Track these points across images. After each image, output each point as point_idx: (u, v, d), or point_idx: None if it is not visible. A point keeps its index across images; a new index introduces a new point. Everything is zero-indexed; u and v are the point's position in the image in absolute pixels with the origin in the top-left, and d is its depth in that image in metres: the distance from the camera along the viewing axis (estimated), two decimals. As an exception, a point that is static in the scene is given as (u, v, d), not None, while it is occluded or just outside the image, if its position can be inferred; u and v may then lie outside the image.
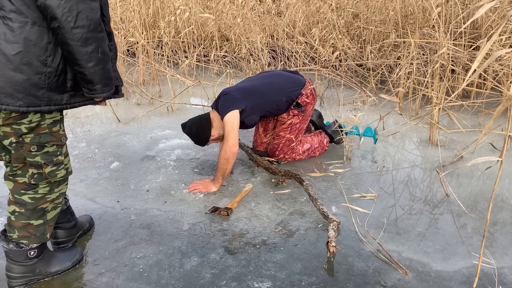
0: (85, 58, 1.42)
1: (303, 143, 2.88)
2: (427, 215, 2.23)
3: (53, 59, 1.43)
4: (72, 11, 1.35)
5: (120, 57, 4.56)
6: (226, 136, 2.44)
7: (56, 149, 1.61)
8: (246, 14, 5.32)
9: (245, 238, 2.04)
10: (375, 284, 1.71)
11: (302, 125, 2.84)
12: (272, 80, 2.74)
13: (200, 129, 2.58)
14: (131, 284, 1.74)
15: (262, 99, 2.62)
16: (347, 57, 4.85)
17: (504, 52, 1.16)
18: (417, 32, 4.19)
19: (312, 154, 2.94)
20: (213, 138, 2.62)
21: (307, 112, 2.80)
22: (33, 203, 1.62)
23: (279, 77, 2.79)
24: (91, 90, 1.50)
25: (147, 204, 2.38)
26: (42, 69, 1.43)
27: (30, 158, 1.56)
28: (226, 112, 2.47)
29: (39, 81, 1.43)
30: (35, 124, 1.52)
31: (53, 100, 1.49)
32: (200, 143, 2.63)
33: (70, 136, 3.41)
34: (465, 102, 3.52)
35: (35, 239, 1.66)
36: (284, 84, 2.72)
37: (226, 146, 2.43)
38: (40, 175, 1.60)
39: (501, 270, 1.79)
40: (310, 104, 2.80)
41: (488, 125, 1.36)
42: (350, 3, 5.31)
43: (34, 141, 1.54)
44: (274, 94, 2.66)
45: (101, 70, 1.47)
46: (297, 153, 2.87)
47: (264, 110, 2.67)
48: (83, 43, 1.39)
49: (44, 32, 1.40)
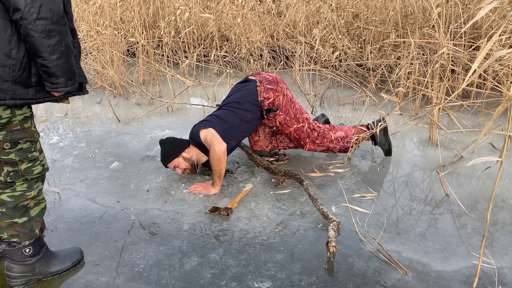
0: (48, 50, 1.40)
1: (336, 130, 2.74)
2: (427, 215, 2.23)
3: (17, 52, 1.42)
4: (35, 2, 1.34)
5: (120, 57, 4.57)
6: (210, 142, 2.40)
7: (30, 145, 1.61)
8: (246, 14, 5.32)
9: (245, 238, 2.04)
10: (375, 284, 1.71)
11: (291, 110, 2.67)
12: (229, 102, 2.65)
13: (177, 141, 2.55)
14: (131, 284, 1.74)
15: (228, 125, 2.55)
16: (347, 57, 4.85)
17: (504, 53, 1.16)
18: (417, 32, 4.19)
19: (345, 144, 2.76)
20: (185, 155, 2.53)
21: (282, 105, 2.63)
22: (12, 201, 1.61)
23: (236, 93, 2.68)
24: (54, 83, 1.48)
25: (147, 204, 2.38)
26: (7, 62, 1.41)
27: (4, 156, 1.55)
28: (198, 131, 2.47)
29: (3, 73, 1.42)
30: (5, 120, 1.51)
31: (18, 94, 1.47)
32: (169, 155, 2.52)
33: (70, 136, 3.42)
34: (465, 102, 3.52)
35: (24, 236, 1.66)
36: (240, 98, 2.62)
37: (213, 148, 2.37)
38: (16, 173, 1.59)
39: (501, 270, 1.79)
40: (275, 98, 2.61)
41: (487, 126, 1.36)
42: (350, 3, 5.31)
43: (7, 138, 1.53)
44: (238, 113, 2.59)
45: (65, 63, 1.46)
46: (329, 139, 2.72)
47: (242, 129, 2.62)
48: (46, 35, 1.38)
49: (7, 25, 1.39)
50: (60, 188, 2.58)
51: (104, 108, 4.12)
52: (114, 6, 5.27)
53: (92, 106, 4.23)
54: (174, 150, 2.53)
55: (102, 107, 4.17)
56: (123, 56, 4.82)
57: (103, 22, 4.96)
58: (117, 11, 5.28)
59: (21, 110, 1.55)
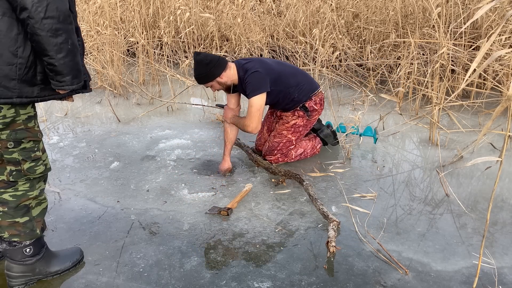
0: (55, 49, 1.41)
1: (297, 147, 2.88)
2: (427, 215, 2.23)
3: (23, 50, 1.43)
4: (42, 1, 1.35)
5: (120, 57, 4.57)
6: (251, 116, 2.49)
7: (33, 145, 1.61)
8: (246, 14, 5.32)
9: (245, 238, 2.04)
10: (375, 284, 1.71)
11: (304, 130, 2.85)
12: (296, 73, 2.76)
13: (215, 63, 2.53)
14: (131, 284, 1.74)
15: (284, 88, 2.65)
16: (347, 57, 4.85)
17: (504, 52, 1.16)
18: (417, 32, 4.19)
19: (303, 157, 2.94)
20: (220, 80, 2.58)
21: (312, 118, 2.82)
22: (14, 201, 1.61)
23: (301, 73, 2.81)
24: (60, 82, 1.49)
25: (147, 204, 2.38)
26: (13, 60, 1.42)
27: (7, 155, 1.55)
28: (256, 94, 2.50)
29: (10, 72, 1.42)
30: (9, 119, 1.51)
31: (24, 92, 1.48)
32: (204, 77, 2.56)
33: (70, 136, 3.42)
34: (465, 102, 3.52)
35: (25, 236, 1.66)
36: (303, 82, 2.75)
37: (249, 124, 2.51)
38: (19, 172, 1.59)
39: (501, 270, 1.79)
40: (316, 111, 2.82)
41: (487, 125, 1.36)
42: (350, 3, 5.31)
43: (11, 137, 1.53)
44: (294, 87, 2.69)
45: (71, 61, 1.47)
46: (290, 157, 2.87)
47: (278, 97, 2.69)
48: (53, 34, 1.39)
49: (14, 23, 1.40)
50: (60, 188, 2.58)
51: (104, 108, 4.12)
52: (114, 6, 5.27)
53: (92, 106, 4.23)
54: (207, 75, 2.54)
55: (102, 107, 4.17)
56: (123, 56, 4.82)
57: (103, 22, 4.96)
58: (117, 11, 5.28)
59: (25, 110, 1.55)
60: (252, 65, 2.58)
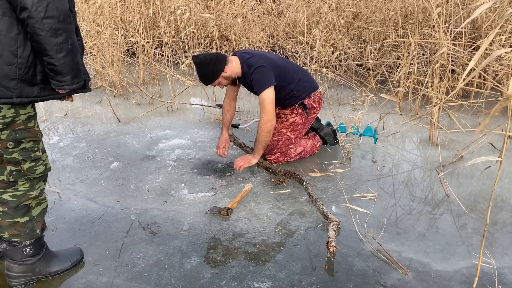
0: (55, 48, 1.41)
1: (296, 146, 2.89)
2: (427, 215, 2.23)
3: (23, 50, 1.43)
4: (42, 1, 1.35)
5: (120, 57, 4.57)
6: (266, 110, 2.52)
7: (33, 145, 1.61)
8: (246, 14, 5.32)
9: (245, 238, 2.04)
10: (375, 284, 1.71)
11: (303, 129, 2.86)
12: (298, 70, 2.79)
13: (215, 60, 2.56)
14: (131, 284, 1.74)
15: (286, 83, 2.68)
16: (347, 57, 4.85)
17: (503, 52, 1.16)
18: (417, 32, 4.19)
19: (302, 156, 2.94)
20: (225, 75, 2.61)
21: (310, 116, 2.83)
22: (14, 201, 1.61)
23: (302, 71, 2.83)
24: (60, 81, 1.49)
25: (147, 204, 2.38)
26: (13, 60, 1.42)
27: (7, 155, 1.55)
28: (264, 89, 2.53)
29: (10, 71, 1.42)
30: (9, 119, 1.51)
31: (24, 92, 1.48)
32: (209, 77, 2.59)
33: (70, 136, 3.42)
34: (465, 102, 3.52)
35: (25, 236, 1.66)
36: (304, 79, 2.77)
37: (267, 120, 2.52)
38: (19, 172, 1.59)
39: (501, 270, 1.79)
40: (315, 109, 2.84)
41: (484, 123, 1.36)
42: (350, 3, 5.31)
43: (11, 137, 1.53)
44: (295, 83, 2.72)
45: (71, 61, 1.47)
46: (289, 157, 2.87)
47: (280, 92, 2.70)
48: (53, 34, 1.39)
49: (14, 23, 1.40)
50: (60, 188, 2.58)
51: (104, 108, 4.12)
52: (114, 6, 5.27)
53: (92, 106, 4.23)
54: (212, 73, 2.58)
55: (102, 107, 4.17)
56: (123, 56, 4.82)
57: (103, 22, 4.96)
58: (117, 11, 5.28)
59: (25, 110, 1.55)
60: (256, 60, 2.59)
